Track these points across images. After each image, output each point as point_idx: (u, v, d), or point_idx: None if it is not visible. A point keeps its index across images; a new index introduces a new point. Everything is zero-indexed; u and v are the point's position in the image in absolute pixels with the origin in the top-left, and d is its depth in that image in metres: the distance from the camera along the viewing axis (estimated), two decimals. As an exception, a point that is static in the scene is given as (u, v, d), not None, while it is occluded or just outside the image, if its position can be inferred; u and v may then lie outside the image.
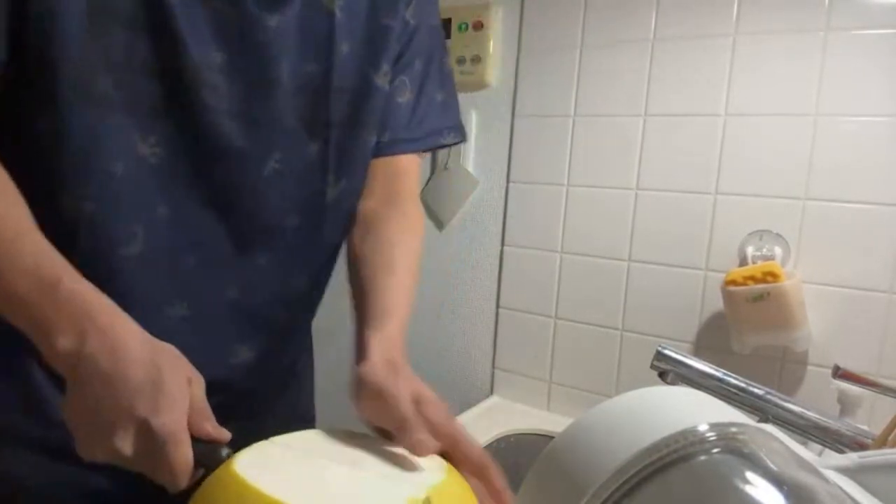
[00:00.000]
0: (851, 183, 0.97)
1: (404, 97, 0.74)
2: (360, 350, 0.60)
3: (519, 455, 1.13)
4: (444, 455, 0.52)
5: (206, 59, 0.57)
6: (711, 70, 1.06)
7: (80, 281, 0.49)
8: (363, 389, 0.55)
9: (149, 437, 0.44)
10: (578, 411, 0.91)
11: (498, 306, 1.30)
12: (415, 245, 0.73)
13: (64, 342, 0.46)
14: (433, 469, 0.48)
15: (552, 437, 0.37)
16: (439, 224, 1.37)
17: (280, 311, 0.72)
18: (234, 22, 0.58)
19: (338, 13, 0.63)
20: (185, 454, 0.45)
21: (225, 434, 0.48)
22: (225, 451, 0.47)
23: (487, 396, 1.31)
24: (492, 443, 1.11)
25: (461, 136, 0.80)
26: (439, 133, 0.78)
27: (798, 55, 1.00)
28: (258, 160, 0.63)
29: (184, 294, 0.64)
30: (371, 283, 0.67)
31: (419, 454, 0.49)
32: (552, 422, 1.19)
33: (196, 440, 0.46)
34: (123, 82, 0.55)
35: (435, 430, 0.52)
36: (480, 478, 0.51)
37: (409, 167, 0.77)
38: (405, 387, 0.55)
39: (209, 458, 0.46)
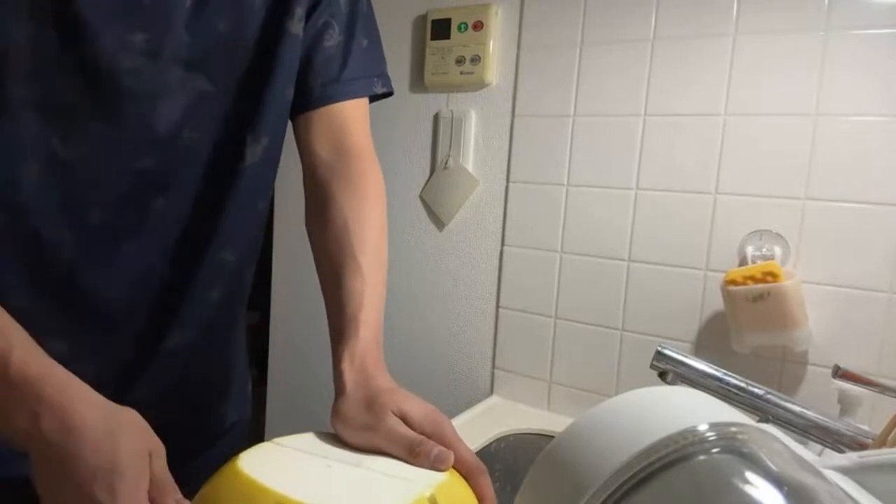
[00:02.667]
0: (851, 183, 0.97)
1: (332, 41, 0.70)
2: (336, 377, 0.58)
3: (519, 455, 1.13)
4: None
5: (125, 43, 0.55)
6: (711, 70, 1.06)
7: (31, 354, 0.47)
8: (347, 427, 0.54)
9: None
10: (578, 411, 0.91)
11: (498, 306, 1.30)
12: (376, 221, 0.69)
13: (19, 422, 0.45)
14: (435, 472, 0.48)
15: (552, 437, 0.37)
16: (439, 224, 1.37)
17: (211, 288, 0.69)
18: None
19: None
20: None
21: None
22: None
23: (487, 396, 1.31)
24: (492, 443, 1.11)
25: (389, 86, 0.76)
26: (370, 80, 0.73)
27: (798, 55, 1.00)
28: (174, 133, 0.61)
29: (119, 283, 0.62)
30: (335, 285, 0.64)
31: (443, 467, 0.48)
32: (552, 422, 1.19)
33: None
34: (33, 80, 0.53)
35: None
36: (471, 482, 0.51)
37: (354, 115, 0.72)
38: (388, 414, 0.53)
39: None
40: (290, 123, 0.72)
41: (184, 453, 0.50)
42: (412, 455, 0.49)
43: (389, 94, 0.76)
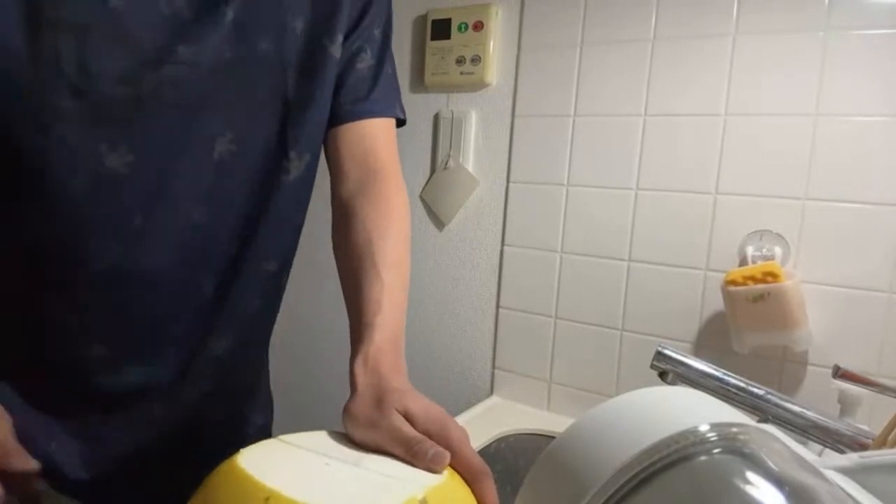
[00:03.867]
0: (851, 183, 0.97)
1: (364, 62, 0.73)
2: (350, 379, 0.59)
3: (519, 455, 1.13)
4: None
5: (167, 54, 0.57)
6: (711, 70, 1.06)
7: None
8: (355, 425, 0.54)
9: None
10: (578, 411, 0.91)
11: (498, 306, 1.30)
12: (400, 234, 0.70)
13: None
14: (433, 473, 0.48)
15: (552, 437, 0.37)
16: (439, 224, 1.37)
17: (253, 297, 0.71)
18: (187, 12, 0.58)
19: None
20: None
21: (32, 465, 0.49)
22: (41, 485, 0.49)
23: (487, 396, 1.31)
24: (492, 443, 1.11)
25: (404, 116, 0.79)
26: (394, 104, 0.77)
27: (798, 55, 1.00)
28: (215, 146, 0.63)
29: (163, 292, 0.64)
30: (355, 292, 0.65)
31: (438, 468, 0.48)
32: (552, 422, 1.19)
33: (9, 475, 0.47)
34: (81, 92, 0.54)
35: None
36: (474, 486, 0.50)
37: (382, 134, 0.74)
38: (394, 413, 0.53)
39: (22, 489, 0.48)
40: None
41: (216, 453, 0.51)
42: (410, 454, 0.49)
43: (404, 122, 0.79)
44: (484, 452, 1.09)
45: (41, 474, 0.50)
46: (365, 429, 0.53)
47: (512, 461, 1.13)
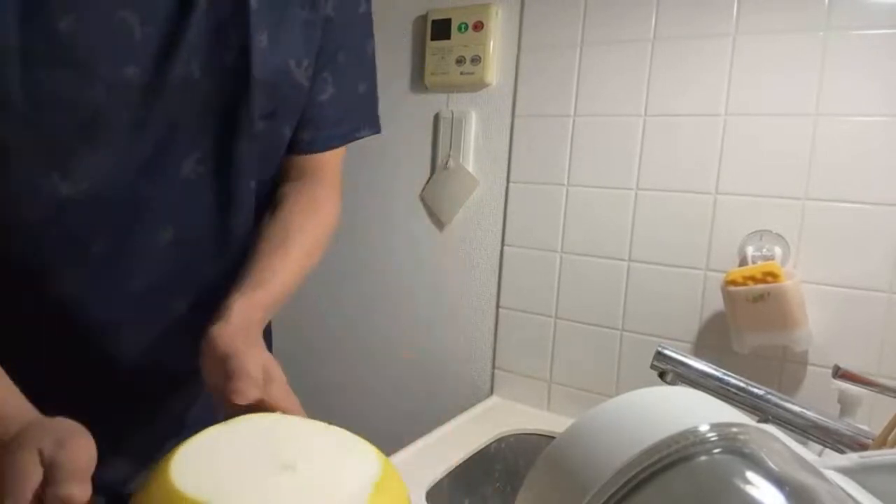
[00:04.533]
0: (851, 183, 0.97)
1: (326, 94, 0.72)
2: (220, 311, 0.58)
3: (519, 455, 1.13)
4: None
5: (119, 77, 0.55)
6: (711, 70, 1.06)
7: None
8: (211, 353, 0.54)
9: None
10: (578, 411, 0.91)
11: (498, 306, 1.30)
12: (318, 232, 0.71)
13: None
14: (369, 467, 0.46)
15: (552, 437, 0.37)
16: (439, 224, 1.37)
17: (196, 309, 0.69)
18: (142, 30, 0.55)
19: (252, 2, 0.61)
20: None
21: (83, 496, 0.44)
22: None
23: (487, 396, 1.31)
24: (492, 443, 1.11)
25: (376, 129, 0.79)
26: (357, 129, 0.77)
27: (798, 55, 1.00)
28: (176, 167, 0.61)
29: (131, 314, 0.63)
30: (258, 257, 0.65)
31: (235, 400, 0.48)
32: (552, 422, 1.19)
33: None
34: (28, 120, 0.53)
35: (274, 409, 0.51)
36: (280, 406, 0.51)
37: (330, 158, 0.76)
38: (254, 358, 0.53)
39: None
40: None
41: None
42: (227, 377, 0.50)
43: (378, 130, 0.80)
44: (484, 452, 1.09)
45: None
46: (217, 365, 0.52)
47: (512, 461, 1.13)
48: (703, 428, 0.32)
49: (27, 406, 0.48)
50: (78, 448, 0.43)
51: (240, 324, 0.56)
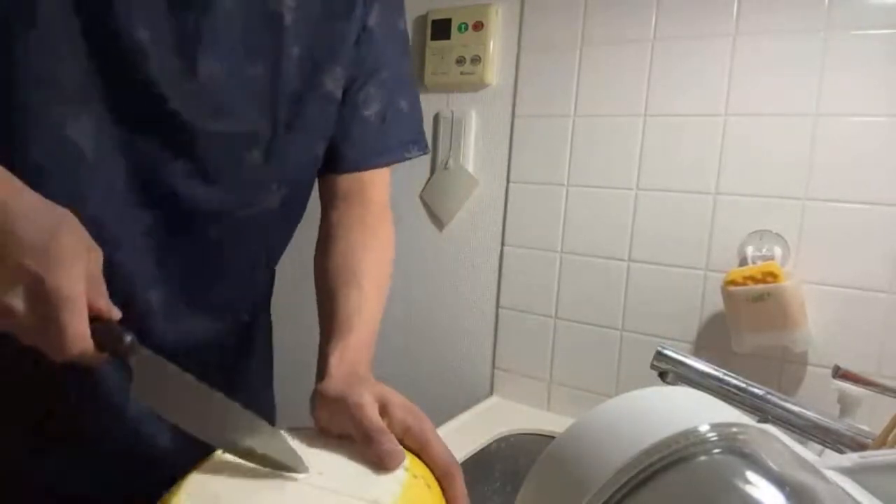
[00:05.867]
0: (851, 183, 0.97)
1: (370, 110, 0.71)
2: (320, 367, 0.58)
3: (519, 455, 1.13)
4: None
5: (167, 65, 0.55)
6: (711, 70, 1.06)
7: None
8: (322, 401, 0.53)
9: (42, 296, 0.42)
10: (578, 411, 0.91)
11: (498, 306, 1.30)
12: (382, 258, 0.71)
13: None
14: (391, 483, 0.46)
15: (552, 437, 0.37)
16: (439, 224, 1.37)
17: (214, 348, 0.68)
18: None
19: (287, 16, 0.61)
20: (81, 321, 0.43)
21: (115, 312, 0.46)
22: (128, 338, 0.44)
23: (487, 396, 1.31)
24: (492, 443, 1.11)
25: (425, 149, 0.78)
26: (405, 147, 0.75)
27: (798, 55, 1.00)
28: (192, 160, 0.60)
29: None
30: (335, 297, 0.64)
31: (387, 468, 0.47)
32: (552, 422, 1.19)
33: (95, 319, 0.44)
34: (59, 65, 0.52)
35: (403, 433, 0.51)
36: (443, 483, 0.50)
37: (378, 179, 0.74)
38: (368, 393, 0.52)
39: (111, 341, 0.44)
40: None
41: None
42: (366, 441, 0.48)
43: (427, 150, 0.78)
44: (484, 452, 1.09)
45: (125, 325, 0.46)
46: (332, 405, 0.52)
47: (512, 461, 1.13)
48: (703, 428, 0.32)
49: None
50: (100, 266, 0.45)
51: (343, 373, 0.56)
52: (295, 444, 0.49)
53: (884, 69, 0.95)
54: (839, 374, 0.76)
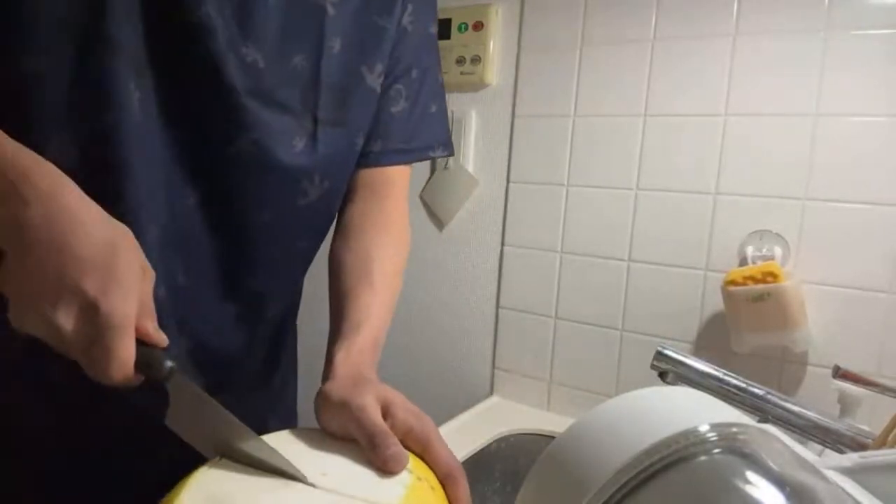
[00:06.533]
0: (851, 183, 0.97)
1: (398, 106, 0.71)
2: (326, 368, 0.58)
3: (519, 455, 1.13)
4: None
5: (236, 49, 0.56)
6: (711, 70, 1.06)
7: (24, 149, 0.45)
8: (326, 404, 0.53)
9: (94, 318, 0.41)
10: (578, 411, 0.91)
11: (498, 306, 1.30)
12: (396, 257, 0.71)
13: (5, 208, 0.42)
14: (395, 485, 0.46)
15: (552, 437, 0.37)
16: (439, 224, 1.37)
17: (230, 313, 0.67)
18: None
19: (329, 9, 0.62)
20: (128, 347, 0.42)
21: (163, 338, 0.45)
22: (168, 364, 0.44)
23: (487, 396, 1.31)
24: (492, 443, 1.11)
25: (450, 151, 0.79)
26: (430, 147, 0.76)
27: (798, 55, 1.00)
28: (238, 133, 0.59)
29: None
30: (346, 296, 0.64)
31: (391, 471, 0.47)
32: (552, 422, 1.19)
33: (139, 342, 0.43)
34: (124, 25, 0.52)
35: (405, 435, 0.51)
36: (446, 485, 0.50)
37: (398, 177, 0.74)
38: (371, 395, 0.52)
39: (151, 365, 0.44)
40: None
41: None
42: (371, 444, 0.48)
43: (450, 156, 0.79)
44: (484, 452, 1.09)
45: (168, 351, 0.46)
46: (336, 409, 0.52)
47: (512, 461, 1.13)
48: (703, 428, 0.32)
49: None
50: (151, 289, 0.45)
51: (348, 375, 0.56)
52: (300, 445, 0.50)
53: (884, 69, 0.95)
54: (839, 374, 0.76)
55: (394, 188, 0.74)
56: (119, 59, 0.52)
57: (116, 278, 0.42)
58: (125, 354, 0.42)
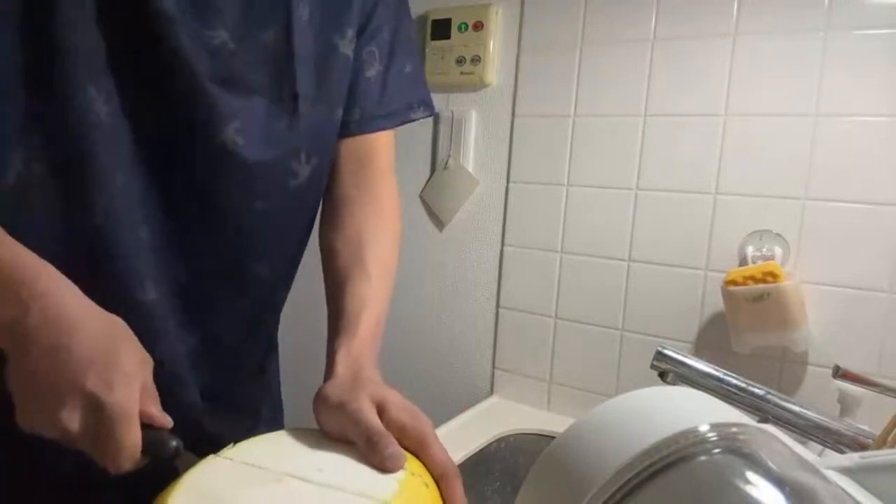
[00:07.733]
0: (851, 183, 0.97)
1: (373, 70, 0.69)
2: (328, 366, 0.59)
3: (519, 455, 1.13)
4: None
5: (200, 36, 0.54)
6: (711, 70, 1.06)
7: (20, 250, 0.46)
8: (324, 406, 0.54)
9: (99, 414, 0.42)
10: (578, 411, 0.91)
11: (498, 306, 1.30)
12: (389, 236, 0.70)
13: (6, 312, 0.43)
14: (389, 480, 0.47)
15: (552, 437, 0.37)
16: (439, 224, 1.37)
17: (240, 304, 0.67)
18: None
19: None
20: (134, 436, 0.43)
21: (168, 420, 0.46)
22: (173, 444, 0.45)
23: (487, 396, 1.31)
24: (492, 443, 1.11)
25: (431, 110, 0.76)
26: (409, 108, 0.74)
27: (798, 55, 1.00)
28: (217, 127, 0.58)
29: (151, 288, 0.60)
30: (342, 287, 0.64)
31: (389, 470, 0.47)
32: (552, 422, 1.19)
33: (144, 426, 0.44)
34: (77, 28, 0.51)
35: (401, 434, 0.51)
36: (440, 485, 0.50)
37: (382, 144, 0.73)
38: (367, 395, 0.52)
39: (156, 447, 0.44)
40: None
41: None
42: (368, 444, 0.48)
43: (433, 113, 0.77)
44: (484, 452, 1.09)
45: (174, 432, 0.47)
46: (333, 412, 0.52)
47: (512, 461, 1.13)
48: (703, 428, 0.32)
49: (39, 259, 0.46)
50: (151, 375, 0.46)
51: (347, 374, 0.56)
52: (297, 443, 0.50)
53: (884, 69, 0.95)
54: (839, 374, 0.76)
55: (380, 158, 0.72)
56: (72, 63, 0.51)
57: (119, 369, 0.43)
58: (132, 442, 0.43)
